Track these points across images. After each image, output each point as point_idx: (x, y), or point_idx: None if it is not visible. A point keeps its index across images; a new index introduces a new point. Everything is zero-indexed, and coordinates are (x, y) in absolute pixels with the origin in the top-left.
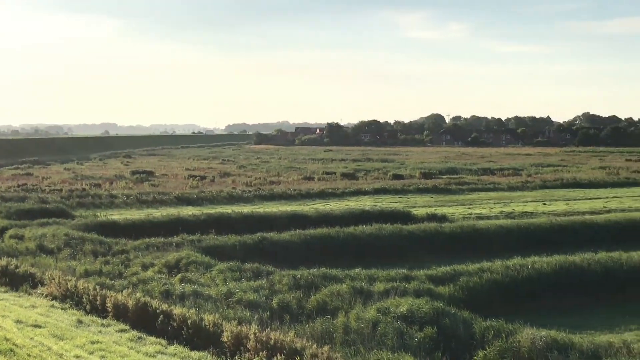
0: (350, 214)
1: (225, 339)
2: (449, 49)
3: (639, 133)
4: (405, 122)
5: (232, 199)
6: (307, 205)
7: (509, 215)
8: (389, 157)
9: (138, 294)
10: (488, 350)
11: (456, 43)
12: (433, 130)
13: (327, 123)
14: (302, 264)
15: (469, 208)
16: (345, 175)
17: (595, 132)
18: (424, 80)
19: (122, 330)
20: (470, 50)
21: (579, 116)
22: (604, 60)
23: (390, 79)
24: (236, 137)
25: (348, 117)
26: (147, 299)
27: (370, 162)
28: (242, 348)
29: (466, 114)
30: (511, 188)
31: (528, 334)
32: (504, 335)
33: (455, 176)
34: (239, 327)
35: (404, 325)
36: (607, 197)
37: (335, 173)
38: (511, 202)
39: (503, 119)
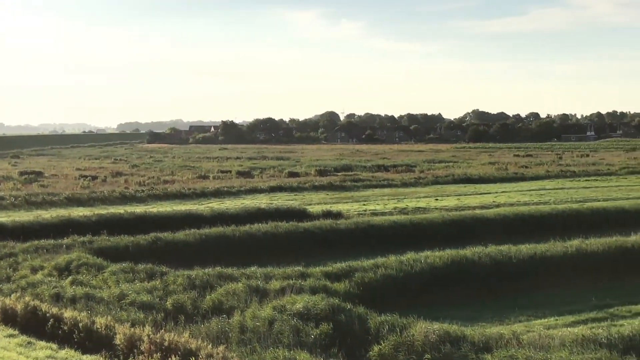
0: (246, 212)
1: (118, 342)
2: (342, 47)
3: (526, 129)
4: (300, 120)
5: (124, 199)
6: (202, 204)
7: (402, 211)
8: (284, 154)
9: (27, 298)
10: (383, 345)
11: (349, 41)
12: (328, 127)
13: (222, 121)
14: (197, 263)
15: (364, 204)
16: (240, 174)
17: (485, 128)
18: (318, 78)
19: (10, 336)
20: (364, 49)
21: (469, 113)
22: (492, 58)
23: (285, 77)
24: (129, 136)
25: (243, 115)
26: (37, 302)
27: (266, 160)
28: (135, 350)
29: (360, 111)
30: (405, 184)
31: (422, 328)
32: (398, 329)
33: (350, 173)
34: (132, 329)
35: (300, 322)
36: (497, 192)
37: (230, 171)
38: (405, 198)
39: (396, 116)
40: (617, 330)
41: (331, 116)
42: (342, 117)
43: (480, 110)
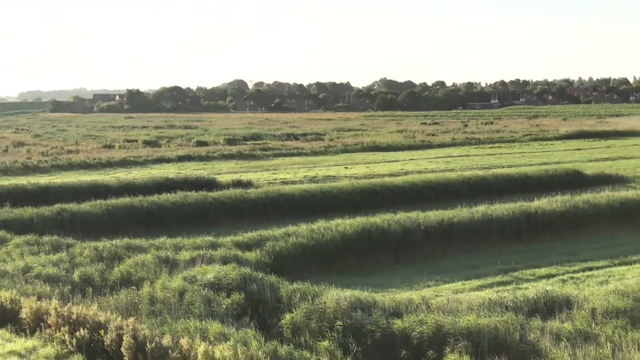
0: (154, 183)
1: (24, 316)
2: (249, 14)
3: (432, 98)
4: (208, 88)
5: (27, 170)
6: (109, 174)
7: (312, 180)
8: (192, 123)
9: None
10: (295, 313)
11: (256, 7)
12: (236, 96)
13: (127, 89)
14: (104, 235)
15: (274, 173)
16: (147, 143)
17: (393, 97)
18: (227, 45)
19: None
20: (269, 16)
21: (377, 81)
22: (399, 26)
23: (192, 43)
24: (30, 105)
25: (149, 84)
26: None
27: (173, 129)
28: (42, 324)
29: (269, 79)
30: (314, 153)
31: (333, 295)
32: (310, 297)
33: (259, 142)
34: (39, 303)
35: (212, 292)
36: (405, 160)
37: (137, 141)
38: (315, 167)
39: (305, 84)
40: (522, 293)
41: (239, 84)
42: (250, 86)
43: (388, 78)
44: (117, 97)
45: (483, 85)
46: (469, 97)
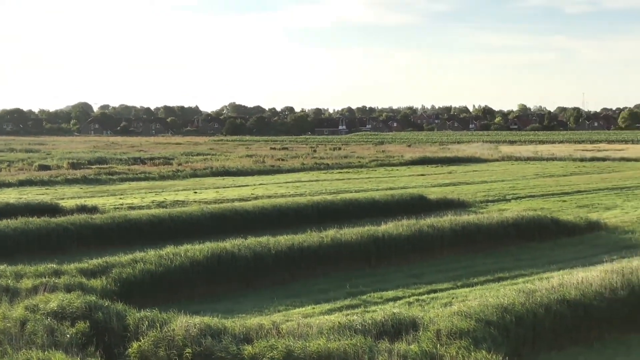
0: None
1: None
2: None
3: (281, 123)
4: (51, 111)
5: None
6: None
7: (160, 205)
8: (34, 147)
9: None
10: (142, 341)
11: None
12: (81, 119)
13: None
14: None
15: (121, 198)
16: None
17: (242, 121)
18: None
19: None
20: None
21: (225, 106)
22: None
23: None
24: None
25: None
26: None
27: (14, 153)
28: None
29: (115, 102)
30: (162, 177)
31: (182, 322)
32: (158, 325)
33: (105, 166)
34: None
35: (55, 322)
36: (255, 185)
37: None
38: (163, 191)
39: (152, 108)
40: (370, 316)
41: (84, 107)
42: (95, 108)
43: (237, 103)
44: None
45: (331, 111)
46: (317, 123)
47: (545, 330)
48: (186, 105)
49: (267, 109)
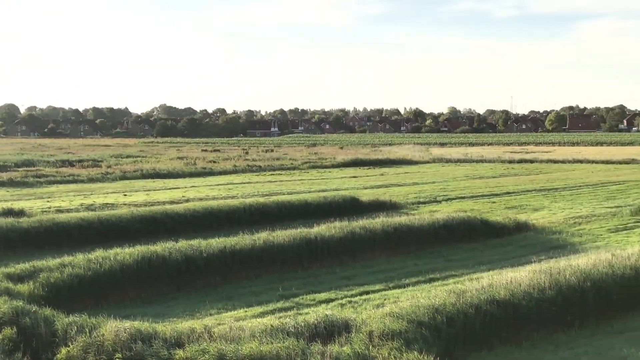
0: None
1: None
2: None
3: (213, 125)
4: None
5: None
6: None
7: (89, 208)
8: None
9: None
10: (71, 346)
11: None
12: (7, 121)
13: None
14: None
15: (48, 201)
16: None
17: (173, 123)
18: None
19: None
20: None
21: (156, 107)
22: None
23: None
24: None
25: None
26: None
27: None
28: None
29: (42, 104)
30: (91, 180)
31: (112, 327)
32: (87, 330)
33: (32, 168)
34: None
35: None
36: (186, 187)
37: None
38: (92, 194)
39: (81, 109)
40: (303, 318)
41: (10, 109)
42: (22, 110)
43: (167, 104)
44: None
45: (263, 113)
46: (249, 125)
47: (476, 330)
48: (115, 107)
49: (198, 110)
